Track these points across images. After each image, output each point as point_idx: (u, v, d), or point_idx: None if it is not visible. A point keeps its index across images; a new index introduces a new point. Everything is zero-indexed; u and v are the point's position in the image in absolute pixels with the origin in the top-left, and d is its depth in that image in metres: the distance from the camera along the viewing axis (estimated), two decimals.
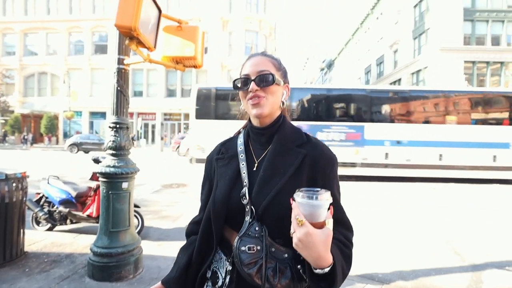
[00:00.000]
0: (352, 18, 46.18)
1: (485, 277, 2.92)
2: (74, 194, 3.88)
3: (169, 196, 6.38)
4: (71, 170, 9.52)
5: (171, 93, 25.95)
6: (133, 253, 2.58)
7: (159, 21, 2.41)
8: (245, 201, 0.81)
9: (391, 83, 30.97)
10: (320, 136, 9.46)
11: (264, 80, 0.84)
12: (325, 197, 0.63)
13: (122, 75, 2.59)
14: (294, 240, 0.63)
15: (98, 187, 3.57)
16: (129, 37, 2.10)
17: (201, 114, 10.14)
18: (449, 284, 2.76)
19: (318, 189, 0.65)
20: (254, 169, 0.87)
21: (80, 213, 3.83)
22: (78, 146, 18.29)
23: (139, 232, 3.69)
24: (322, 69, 68.77)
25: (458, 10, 22.73)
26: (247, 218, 0.80)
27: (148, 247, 3.27)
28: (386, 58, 32.19)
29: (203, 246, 0.89)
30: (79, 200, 3.93)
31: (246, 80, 0.86)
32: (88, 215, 3.78)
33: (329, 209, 0.64)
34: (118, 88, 2.56)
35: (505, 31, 23.13)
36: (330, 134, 9.87)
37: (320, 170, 0.82)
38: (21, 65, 27.27)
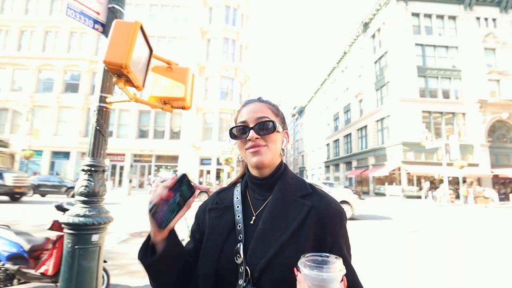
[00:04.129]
0: (321, 70, 50.17)
1: None
2: (27, 247, 3.33)
3: (138, 246, 5.74)
4: (26, 216, 8.46)
5: (143, 134, 25.37)
6: None
7: (150, 61, 2.33)
8: (239, 260, 0.67)
9: (358, 129, 32.94)
10: None
11: (264, 128, 0.77)
12: (338, 267, 0.52)
13: (102, 114, 2.40)
14: None
15: (58, 238, 3.10)
16: (117, 74, 1.97)
17: None
18: None
19: (328, 255, 0.54)
20: (252, 222, 0.75)
21: (32, 271, 3.24)
22: (34, 188, 16.60)
23: None
24: (294, 115, 72.20)
25: (412, 67, 25.61)
26: (241, 282, 0.66)
27: None
28: (352, 106, 34.66)
29: None
30: (33, 255, 3.36)
31: (244, 128, 0.78)
32: (42, 273, 3.20)
33: (341, 280, 0.53)
34: (97, 127, 2.35)
35: (452, 86, 26.15)
36: None
37: (328, 226, 0.71)
38: None
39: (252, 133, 0.76)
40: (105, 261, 3.27)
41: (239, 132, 0.79)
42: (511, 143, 25.66)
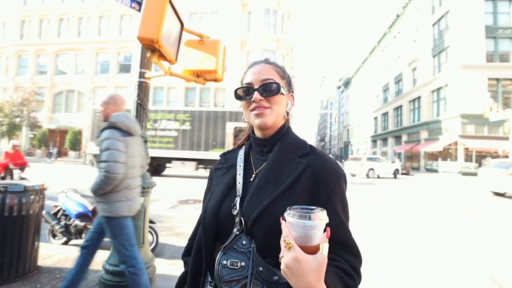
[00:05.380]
0: (369, 37, 46.32)
1: None
2: (91, 207, 3.87)
3: (184, 212, 6.29)
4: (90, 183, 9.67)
5: None
6: None
7: (181, 35, 2.42)
8: (235, 212, 0.72)
9: (410, 101, 30.34)
10: None
11: (268, 90, 0.77)
12: (320, 216, 0.53)
13: (142, 89, 2.59)
14: (282, 266, 0.54)
15: None
16: (151, 49, 2.09)
17: None
18: None
19: (313, 207, 0.56)
20: (251, 179, 0.79)
21: None
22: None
23: (153, 249, 3.59)
24: (339, 87, 68.69)
25: (479, 28, 22.29)
26: (235, 230, 0.71)
27: (162, 266, 3.15)
28: (405, 76, 31.78)
29: (196, 267, 0.79)
30: (95, 214, 3.91)
31: (248, 89, 0.79)
32: None
33: (325, 231, 0.54)
34: (138, 101, 2.55)
35: None
36: None
37: (323, 183, 0.72)
38: (51, 84, 28.96)
39: (256, 94, 0.77)
40: (153, 222, 3.67)
41: (244, 93, 0.81)
42: None
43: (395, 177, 19.36)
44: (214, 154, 13.71)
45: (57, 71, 29.55)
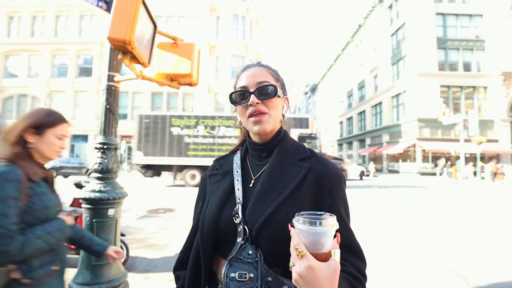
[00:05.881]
0: (334, 45, 48.46)
1: None
2: None
3: (155, 222, 6.01)
4: None
5: None
6: None
7: (154, 37, 2.31)
8: (237, 220, 0.68)
9: (372, 106, 32.10)
10: None
11: (264, 92, 0.75)
12: (330, 222, 0.52)
13: (112, 93, 2.43)
14: (294, 275, 0.52)
15: (79, 214, 3.27)
16: (122, 51, 1.97)
17: None
18: None
19: (322, 213, 0.55)
20: (251, 185, 0.76)
21: None
22: (57, 170, 17.43)
23: (124, 263, 3.35)
24: (306, 93, 70.81)
25: (431, 39, 24.27)
26: (239, 240, 0.67)
27: (135, 281, 2.96)
28: (367, 82, 33.57)
29: (194, 282, 0.74)
30: None
31: (244, 93, 0.77)
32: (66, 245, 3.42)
33: (335, 236, 0.54)
34: (107, 106, 2.39)
35: (475, 58, 24.76)
36: None
37: (326, 187, 0.71)
38: (0, 87, 26.45)
39: (253, 98, 0.74)
40: (123, 235, 3.45)
41: (239, 97, 0.78)
42: None
43: (361, 178, 20.27)
44: None
45: (7, 74, 27.07)
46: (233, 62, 24.95)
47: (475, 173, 21.06)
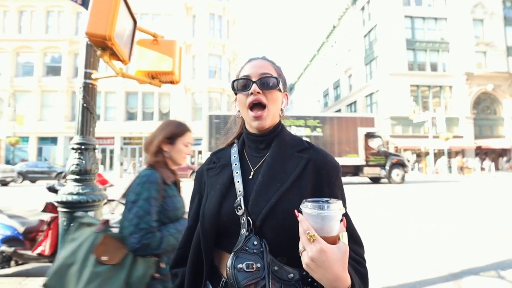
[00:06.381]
0: (310, 46, 49.41)
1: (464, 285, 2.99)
2: (21, 229, 3.33)
3: None
4: (17, 202, 8.37)
5: (131, 116, 24.89)
6: None
7: (134, 33, 2.25)
8: (240, 212, 0.69)
9: (347, 105, 33.06)
10: None
11: (266, 84, 0.77)
12: (338, 206, 0.55)
13: (89, 91, 2.33)
14: (305, 260, 0.54)
15: (52, 219, 3.10)
16: (101, 47, 1.89)
17: None
18: None
19: (327, 199, 0.57)
20: (250, 177, 0.76)
21: (28, 252, 3.26)
22: (23, 175, 16.34)
23: None
24: None
25: (401, 40, 25.41)
26: (243, 231, 0.67)
27: None
28: (342, 82, 34.53)
29: (195, 277, 0.74)
30: (28, 237, 3.37)
31: (246, 82, 0.78)
32: (39, 254, 3.23)
33: (341, 220, 0.56)
34: (84, 104, 2.28)
35: (440, 59, 26.22)
36: None
37: (325, 176, 0.74)
38: None
39: (254, 87, 0.76)
40: None
41: (241, 85, 0.79)
42: (495, 114, 26.32)
43: None
44: (349, 160, 13.67)
45: None
46: (210, 61, 24.71)
47: (450, 168, 22.21)
